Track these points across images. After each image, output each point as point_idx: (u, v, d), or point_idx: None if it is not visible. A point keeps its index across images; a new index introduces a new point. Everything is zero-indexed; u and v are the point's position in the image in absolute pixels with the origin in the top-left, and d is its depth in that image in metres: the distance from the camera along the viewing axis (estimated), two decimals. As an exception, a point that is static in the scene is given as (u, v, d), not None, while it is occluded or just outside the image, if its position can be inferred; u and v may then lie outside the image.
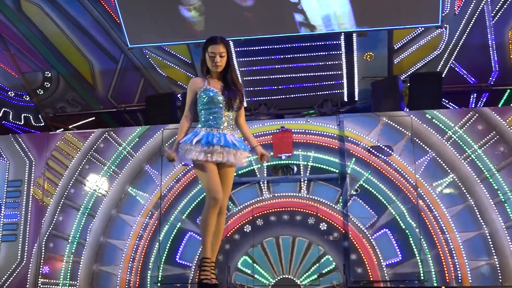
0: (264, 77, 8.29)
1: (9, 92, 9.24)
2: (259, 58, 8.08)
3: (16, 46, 8.63)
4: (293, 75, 8.30)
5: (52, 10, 8.25)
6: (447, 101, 8.40)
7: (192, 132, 4.27)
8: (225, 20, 7.60)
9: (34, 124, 9.43)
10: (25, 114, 9.38)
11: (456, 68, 8.26)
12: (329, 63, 8.19)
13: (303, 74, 8.30)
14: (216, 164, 4.19)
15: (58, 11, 8.27)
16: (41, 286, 7.32)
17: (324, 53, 8.11)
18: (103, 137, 7.64)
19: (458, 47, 8.10)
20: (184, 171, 7.25)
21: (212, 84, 4.28)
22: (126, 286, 7.07)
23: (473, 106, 8.49)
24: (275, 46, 8.01)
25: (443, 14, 7.38)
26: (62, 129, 9.04)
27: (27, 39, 8.54)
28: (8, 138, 8.00)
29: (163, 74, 8.82)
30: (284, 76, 8.28)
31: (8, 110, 9.34)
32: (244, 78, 8.22)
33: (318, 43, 7.97)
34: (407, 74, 8.24)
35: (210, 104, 4.24)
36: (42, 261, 7.41)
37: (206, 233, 4.15)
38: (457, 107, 8.32)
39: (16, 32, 8.46)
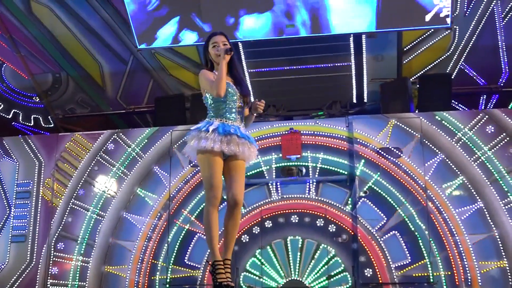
0: (273, 78, 8.29)
1: (19, 94, 9.28)
2: (268, 59, 8.09)
3: (26, 47, 8.67)
4: (302, 77, 8.28)
5: (62, 12, 8.28)
6: (456, 103, 8.36)
7: (205, 121, 4.04)
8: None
9: (43, 125, 9.47)
10: (34, 116, 9.42)
11: (465, 70, 8.22)
12: (338, 64, 8.18)
13: (312, 76, 8.28)
14: (225, 159, 3.98)
15: (68, 13, 8.30)
16: (50, 287, 7.35)
17: (333, 54, 8.10)
18: (112, 138, 7.67)
19: (468, 49, 8.07)
20: (192, 173, 7.26)
21: None
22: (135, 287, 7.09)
23: (483, 107, 8.45)
24: (284, 47, 8.01)
25: (453, 16, 7.35)
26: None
27: (37, 40, 8.58)
28: (18, 139, 8.04)
29: (172, 75, 8.83)
30: (293, 77, 8.27)
31: (18, 111, 9.39)
32: (253, 79, 8.23)
33: (327, 44, 7.95)
34: (417, 75, 8.21)
35: (226, 95, 4.00)
36: (51, 262, 7.44)
37: (212, 235, 3.86)
38: (466, 109, 8.28)
39: (26, 34, 8.50)
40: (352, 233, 6.77)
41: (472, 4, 7.81)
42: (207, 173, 3.92)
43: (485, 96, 8.45)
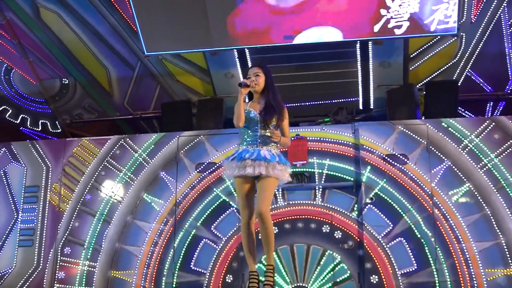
0: (279, 85, 8.26)
1: (27, 99, 9.35)
2: (274, 65, 8.07)
3: (35, 53, 8.74)
4: (308, 83, 8.30)
5: (70, 17, 8.35)
6: (463, 110, 8.35)
7: (235, 151, 4.59)
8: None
9: (51, 130, 9.52)
10: (42, 121, 9.48)
11: (472, 77, 8.21)
12: (345, 71, 8.19)
13: (318, 82, 8.29)
14: (255, 180, 4.44)
15: (76, 19, 8.36)
16: (57, 291, 7.39)
17: (339, 60, 8.11)
18: (119, 143, 7.70)
19: (475, 56, 8.07)
20: (199, 178, 7.29)
21: (252, 106, 4.60)
22: (141, 292, 7.11)
23: (489, 114, 8.43)
24: (290, 54, 8.03)
25: (460, 23, 7.35)
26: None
27: (45, 46, 8.64)
28: (26, 144, 8.09)
29: (179, 81, 8.87)
30: (299, 83, 8.29)
31: (26, 116, 9.45)
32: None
33: (333, 51, 7.97)
34: (423, 82, 8.21)
35: (248, 123, 4.53)
36: (58, 266, 7.48)
37: (244, 248, 4.53)
38: (473, 116, 8.27)
39: (34, 39, 8.57)
40: (358, 240, 6.77)
41: (478, 11, 7.82)
42: (237, 196, 4.59)
43: (491, 103, 8.44)
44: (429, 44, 8.04)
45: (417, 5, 7.12)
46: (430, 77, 8.29)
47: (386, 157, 6.88)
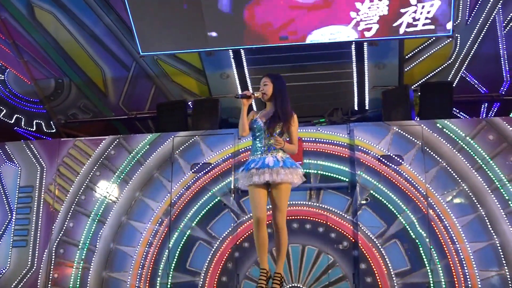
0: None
1: (22, 99, 9.32)
2: (269, 66, 8.11)
3: (30, 53, 8.72)
4: (303, 83, 8.30)
5: (66, 18, 8.34)
6: (458, 111, 8.37)
7: (245, 162, 4.84)
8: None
9: (46, 130, 9.50)
10: (37, 121, 9.45)
11: (467, 78, 8.24)
12: (340, 71, 8.20)
13: (313, 83, 8.29)
14: (267, 188, 4.66)
15: (71, 19, 8.35)
16: (51, 292, 7.37)
17: (334, 61, 8.12)
18: (114, 144, 7.68)
19: (469, 57, 8.10)
20: (194, 179, 7.28)
21: (261, 115, 4.80)
22: (136, 293, 7.10)
23: (484, 116, 8.46)
24: (286, 54, 8.03)
25: (455, 24, 7.37)
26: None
27: (40, 46, 8.63)
28: (20, 144, 8.06)
29: (174, 81, 8.86)
30: (295, 84, 8.28)
31: (20, 116, 9.42)
32: (254, 86, 8.26)
33: (328, 52, 7.97)
34: (418, 83, 8.23)
35: (255, 132, 4.77)
36: (52, 267, 7.45)
37: (256, 247, 4.69)
38: (468, 117, 8.30)
39: (29, 40, 8.55)
40: (353, 240, 6.77)
41: (473, 12, 7.85)
42: (250, 200, 4.76)
43: (486, 104, 8.46)
44: (424, 45, 8.07)
45: (386, 8, 7.16)
46: (425, 78, 8.31)
47: (381, 158, 6.89)
